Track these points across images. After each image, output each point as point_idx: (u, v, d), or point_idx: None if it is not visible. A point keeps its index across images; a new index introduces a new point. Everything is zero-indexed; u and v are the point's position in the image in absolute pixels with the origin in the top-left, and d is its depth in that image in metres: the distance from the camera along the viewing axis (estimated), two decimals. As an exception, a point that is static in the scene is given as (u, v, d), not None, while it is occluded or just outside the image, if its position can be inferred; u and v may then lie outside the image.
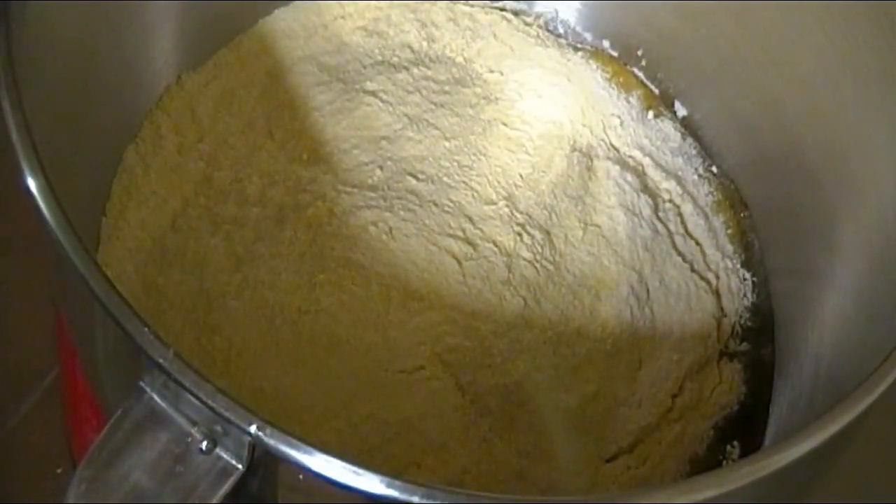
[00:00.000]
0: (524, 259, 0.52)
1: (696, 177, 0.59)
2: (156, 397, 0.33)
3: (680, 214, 0.57)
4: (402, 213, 0.52)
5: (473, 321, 0.49)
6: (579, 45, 0.63)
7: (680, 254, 0.55)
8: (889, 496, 0.51)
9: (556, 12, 0.64)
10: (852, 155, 0.50)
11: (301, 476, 0.31)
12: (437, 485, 0.31)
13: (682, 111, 0.62)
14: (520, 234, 0.52)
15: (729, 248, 0.57)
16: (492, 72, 0.60)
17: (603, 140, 0.58)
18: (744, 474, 0.32)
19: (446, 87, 0.58)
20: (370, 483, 0.30)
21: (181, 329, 0.47)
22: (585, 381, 0.49)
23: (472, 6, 0.63)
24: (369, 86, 0.57)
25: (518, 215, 0.53)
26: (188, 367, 0.31)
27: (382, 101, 0.57)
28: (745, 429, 0.52)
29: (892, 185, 0.46)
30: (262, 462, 0.32)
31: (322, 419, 0.45)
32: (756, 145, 0.58)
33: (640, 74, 0.63)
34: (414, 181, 0.54)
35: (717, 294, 0.55)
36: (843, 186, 0.50)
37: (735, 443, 0.51)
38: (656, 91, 0.63)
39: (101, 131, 0.49)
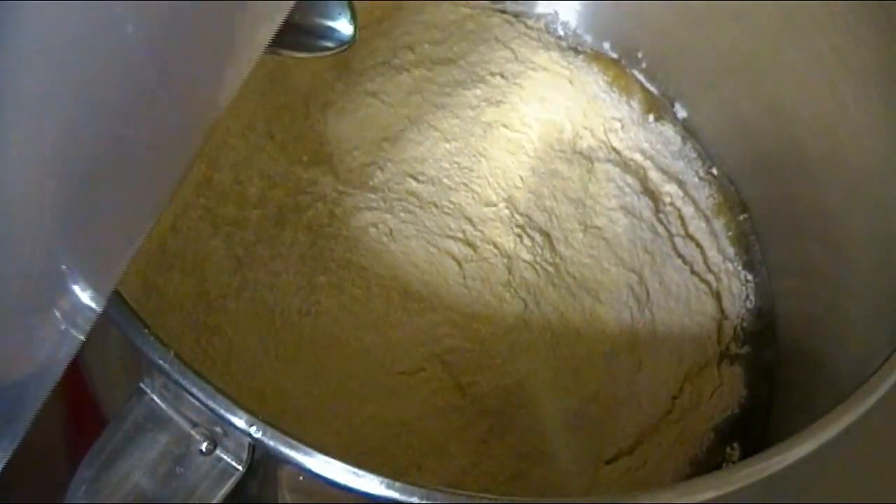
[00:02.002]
0: (524, 261, 0.52)
1: (696, 179, 0.59)
2: (156, 398, 0.33)
3: (681, 217, 0.57)
4: (402, 214, 0.52)
5: (473, 323, 0.49)
6: (580, 48, 0.63)
7: (680, 256, 0.55)
8: (889, 496, 0.51)
9: (557, 14, 0.64)
10: (852, 156, 0.50)
11: (301, 477, 0.31)
12: (436, 486, 0.31)
13: (682, 113, 0.62)
14: (520, 236, 0.52)
15: (730, 250, 0.57)
16: (493, 74, 0.60)
17: (604, 143, 0.58)
18: (744, 476, 0.32)
19: (447, 89, 0.58)
20: (370, 484, 0.30)
21: (181, 330, 0.47)
22: (585, 383, 0.49)
23: (473, 8, 0.63)
24: (370, 87, 0.57)
25: (518, 217, 0.53)
26: (188, 369, 0.31)
27: (383, 102, 0.57)
28: (745, 430, 0.52)
29: (892, 186, 0.46)
30: (262, 463, 0.32)
31: (322, 420, 0.46)
32: (756, 147, 0.58)
33: (641, 76, 0.63)
34: (414, 183, 0.54)
35: (717, 296, 0.55)
36: (843, 187, 0.50)
37: (735, 444, 0.51)
38: (657, 94, 0.63)
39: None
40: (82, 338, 0.29)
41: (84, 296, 0.28)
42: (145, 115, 0.25)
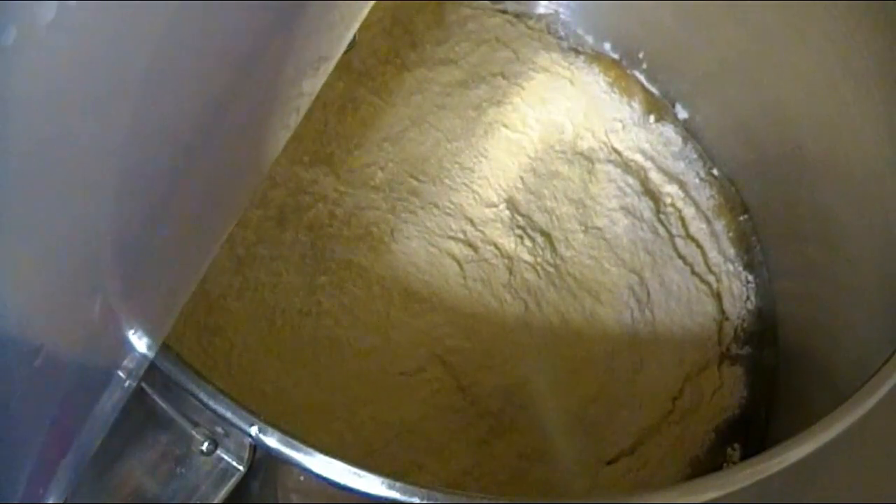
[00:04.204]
0: (525, 262, 0.52)
1: (697, 180, 0.60)
2: (157, 399, 0.33)
3: (682, 218, 0.57)
4: (403, 214, 0.52)
5: (474, 323, 0.49)
6: (581, 49, 0.63)
7: (681, 256, 0.55)
8: (889, 496, 0.51)
9: (558, 14, 0.64)
10: (852, 157, 0.50)
11: (302, 478, 0.31)
12: (437, 486, 0.31)
13: (682, 114, 0.62)
14: (521, 237, 0.52)
15: (731, 251, 0.57)
16: (494, 75, 0.60)
17: (604, 143, 0.58)
18: (744, 476, 0.32)
19: (448, 90, 0.58)
20: (371, 485, 0.30)
21: (182, 330, 0.47)
22: (586, 384, 0.49)
23: (475, 9, 0.63)
24: (372, 86, 0.57)
25: (519, 218, 0.53)
26: (189, 369, 0.31)
27: (385, 102, 0.57)
28: (745, 431, 0.52)
29: (892, 186, 0.46)
30: (263, 463, 0.32)
31: (323, 421, 0.46)
32: (756, 148, 0.58)
33: (642, 77, 0.63)
34: (415, 182, 0.54)
35: (718, 297, 0.55)
36: (843, 189, 0.50)
37: (736, 445, 0.51)
38: (658, 94, 0.63)
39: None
40: (135, 384, 0.30)
41: (142, 347, 0.30)
42: (196, 169, 0.26)
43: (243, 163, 0.29)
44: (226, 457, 0.32)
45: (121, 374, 0.30)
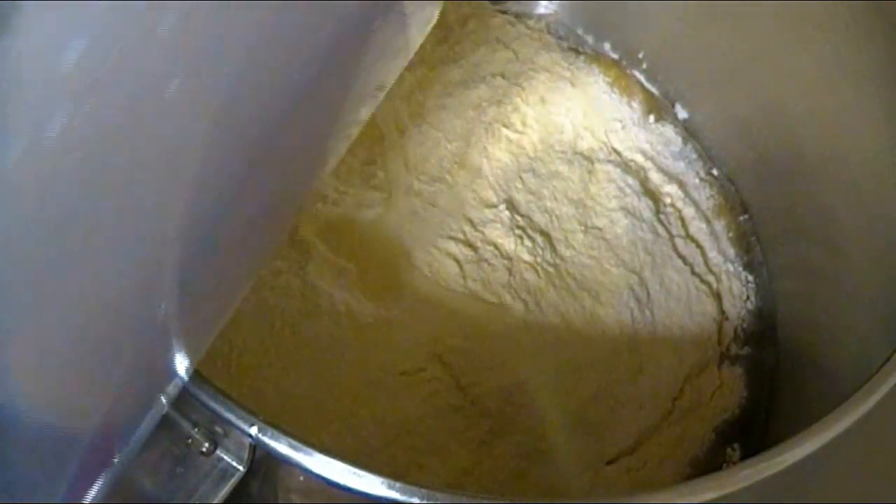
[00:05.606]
0: (525, 262, 0.52)
1: (697, 180, 0.59)
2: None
3: (681, 218, 0.57)
4: (403, 214, 0.52)
5: (474, 323, 0.49)
6: (581, 49, 0.63)
7: (681, 256, 0.55)
8: (889, 496, 0.51)
9: (558, 14, 0.64)
10: (852, 157, 0.50)
11: (301, 478, 0.31)
12: (437, 486, 0.31)
13: (682, 114, 0.62)
14: (520, 237, 0.52)
15: (730, 251, 0.57)
16: (494, 75, 0.60)
17: (604, 143, 0.58)
18: (744, 477, 0.32)
19: (449, 89, 0.58)
20: (371, 485, 0.30)
21: (182, 330, 0.47)
22: (586, 383, 0.49)
23: (475, 9, 0.63)
24: (371, 87, 0.57)
25: (519, 218, 0.53)
26: (189, 369, 0.31)
27: (385, 101, 0.57)
28: (745, 431, 0.52)
29: (892, 187, 0.46)
30: (263, 464, 0.32)
31: (323, 421, 0.46)
32: (756, 148, 0.58)
33: (641, 77, 0.63)
34: (415, 182, 0.54)
35: (717, 297, 0.55)
36: (843, 189, 0.50)
37: (735, 445, 0.51)
38: (657, 94, 0.63)
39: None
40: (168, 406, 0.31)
41: (182, 371, 0.30)
42: (253, 190, 0.26)
43: (293, 193, 0.29)
44: (226, 457, 0.32)
45: (163, 399, 0.31)
